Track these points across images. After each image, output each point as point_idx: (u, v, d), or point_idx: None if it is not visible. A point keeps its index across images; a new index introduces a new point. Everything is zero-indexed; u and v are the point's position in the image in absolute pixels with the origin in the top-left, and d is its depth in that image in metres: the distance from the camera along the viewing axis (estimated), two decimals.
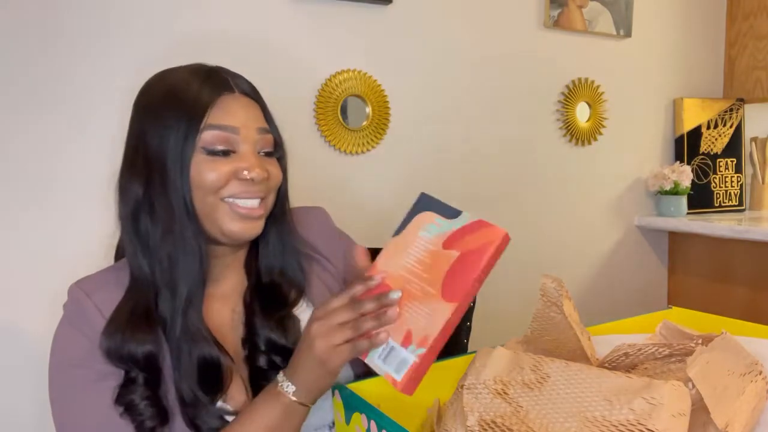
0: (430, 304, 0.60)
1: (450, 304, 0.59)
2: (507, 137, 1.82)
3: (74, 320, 0.74)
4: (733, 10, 2.24)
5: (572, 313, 0.69)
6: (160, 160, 0.71)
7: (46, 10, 1.20)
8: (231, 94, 0.74)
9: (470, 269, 0.59)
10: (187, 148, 0.71)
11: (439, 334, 0.59)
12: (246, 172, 0.72)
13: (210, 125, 0.72)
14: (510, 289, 1.77)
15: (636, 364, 0.63)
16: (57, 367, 0.73)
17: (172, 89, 0.73)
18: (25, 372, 1.21)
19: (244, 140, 0.73)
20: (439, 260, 0.62)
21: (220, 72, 0.77)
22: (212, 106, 0.72)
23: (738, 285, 1.98)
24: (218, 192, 0.73)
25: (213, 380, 0.72)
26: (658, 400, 0.50)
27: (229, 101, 0.74)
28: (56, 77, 1.22)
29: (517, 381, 0.58)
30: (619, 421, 0.50)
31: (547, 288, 0.69)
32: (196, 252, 0.72)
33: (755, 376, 0.61)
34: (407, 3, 1.61)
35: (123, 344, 0.70)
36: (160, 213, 0.72)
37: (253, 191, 0.74)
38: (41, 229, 1.23)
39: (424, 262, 0.63)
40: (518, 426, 0.54)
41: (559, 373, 0.56)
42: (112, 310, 0.72)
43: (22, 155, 1.20)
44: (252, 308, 0.79)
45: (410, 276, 0.63)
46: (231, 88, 0.75)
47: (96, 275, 0.78)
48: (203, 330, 0.73)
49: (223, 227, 0.73)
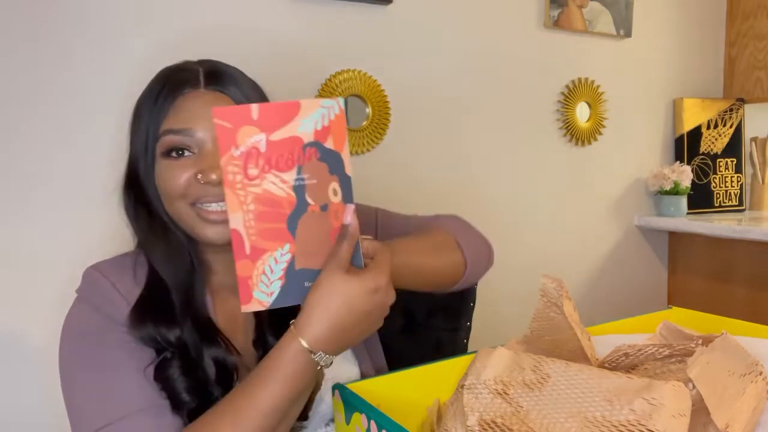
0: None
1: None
2: (507, 137, 1.81)
3: (90, 298, 0.74)
4: (733, 10, 2.24)
5: (572, 313, 0.69)
6: (134, 168, 0.75)
7: (38, 5, 1.20)
8: (194, 91, 0.73)
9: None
10: (149, 156, 0.73)
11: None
12: (200, 175, 0.70)
13: (165, 130, 0.72)
14: (510, 290, 1.77)
15: (636, 365, 0.62)
16: (70, 339, 0.72)
17: (141, 97, 0.76)
18: (26, 374, 1.21)
19: (205, 140, 0.71)
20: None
21: (186, 69, 0.75)
22: (170, 109, 0.72)
23: (738, 285, 1.98)
24: (184, 197, 0.72)
25: (220, 378, 0.72)
26: (658, 400, 0.50)
27: (188, 101, 0.72)
28: (52, 75, 1.22)
29: (517, 381, 0.58)
30: (620, 421, 0.50)
31: (547, 288, 0.69)
32: (184, 254, 0.75)
33: (756, 376, 0.61)
34: (407, 3, 1.61)
35: (155, 331, 0.70)
36: (144, 217, 0.76)
37: (216, 194, 0.70)
38: (37, 228, 1.23)
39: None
40: (518, 426, 0.54)
41: (559, 374, 0.56)
42: (128, 290, 0.73)
43: (18, 154, 1.20)
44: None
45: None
46: (196, 85, 0.73)
47: (110, 260, 0.78)
48: (210, 329, 0.74)
49: (198, 233, 0.73)
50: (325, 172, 0.60)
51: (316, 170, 0.60)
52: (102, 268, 0.76)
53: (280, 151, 0.58)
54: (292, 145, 0.59)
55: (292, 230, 0.60)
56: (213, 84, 0.74)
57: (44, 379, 1.19)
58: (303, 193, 0.60)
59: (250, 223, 0.58)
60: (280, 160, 0.59)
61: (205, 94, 0.73)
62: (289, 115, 0.59)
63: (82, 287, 0.76)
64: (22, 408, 1.21)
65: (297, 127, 0.59)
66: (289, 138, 0.59)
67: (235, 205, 0.58)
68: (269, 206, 0.59)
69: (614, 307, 2.06)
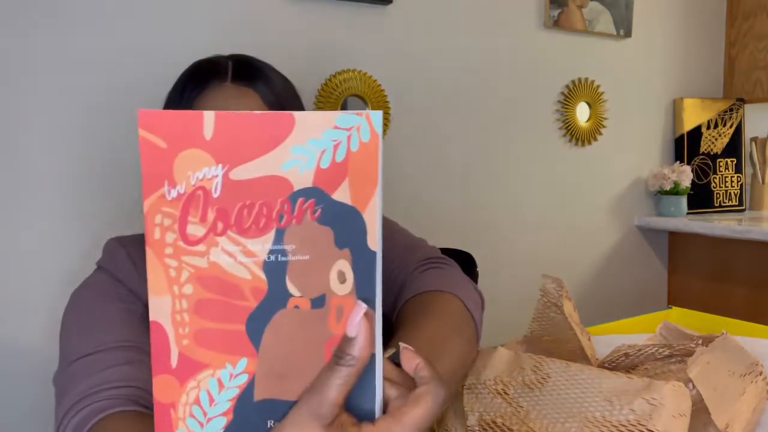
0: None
1: None
2: (507, 137, 1.82)
3: (104, 263, 0.73)
4: (733, 10, 2.24)
5: (572, 313, 0.69)
6: None
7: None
8: (219, 86, 0.72)
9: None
10: None
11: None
12: None
13: None
14: (510, 290, 1.77)
15: (636, 365, 0.63)
16: (74, 293, 0.70)
17: (171, 90, 0.75)
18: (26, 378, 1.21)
19: None
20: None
21: (215, 62, 0.74)
22: (194, 102, 0.71)
23: (738, 285, 1.98)
24: None
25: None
26: (658, 400, 0.50)
27: (212, 94, 0.71)
28: (45, 69, 1.22)
29: (517, 381, 0.58)
30: (620, 421, 0.50)
31: (547, 288, 0.69)
32: None
33: (755, 376, 0.61)
34: (407, 3, 1.61)
35: None
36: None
37: None
38: (33, 230, 1.23)
39: None
40: (518, 426, 0.54)
41: (559, 374, 0.56)
42: (143, 263, 0.71)
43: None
44: None
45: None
46: (223, 78, 0.72)
47: (135, 234, 0.77)
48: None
49: None
50: (327, 243, 0.36)
51: (312, 239, 0.36)
52: (122, 239, 0.76)
53: (248, 200, 0.35)
54: (271, 190, 0.35)
55: (256, 337, 0.36)
56: (240, 78, 0.72)
57: (39, 380, 1.19)
58: (282, 275, 0.36)
59: (183, 316, 0.35)
60: (247, 215, 0.35)
61: (230, 89, 0.71)
62: (273, 137, 0.34)
63: (101, 258, 0.75)
64: (19, 408, 1.21)
65: (282, 160, 0.35)
66: (265, 178, 0.35)
67: (160, 281, 0.35)
68: (219, 293, 0.35)
69: (614, 307, 2.06)
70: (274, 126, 0.34)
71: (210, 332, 0.36)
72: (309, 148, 0.35)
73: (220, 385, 0.36)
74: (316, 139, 0.35)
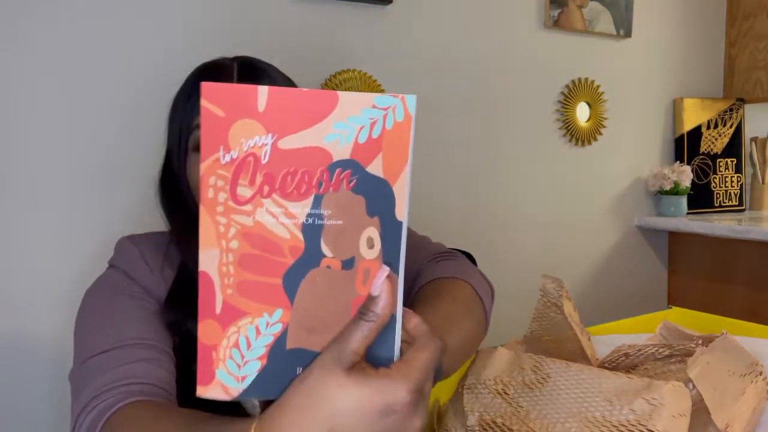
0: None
1: None
2: (507, 137, 1.82)
3: (116, 262, 0.74)
4: (733, 10, 2.24)
5: (572, 313, 0.69)
6: (169, 162, 0.77)
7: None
8: None
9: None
10: (181, 150, 0.74)
11: None
12: None
13: (197, 125, 0.73)
14: (510, 289, 1.77)
15: (636, 365, 0.63)
16: (87, 293, 0.71)
17: (178, 92, 0.77)
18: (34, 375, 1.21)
19: None
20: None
21: (220, 64, 0.76)
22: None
23: (738, 285, 1.98)
24: None
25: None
26: (658, 400, 0.50)
27: None
28: (49, 70, 1.22)
29: (517, 381, 0.58)
30: (620, 421, 0.50)
31: (547, 288, 0.69)
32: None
33: (756, 376, 0.61)
34: (407, 3, 1.61)
35: (183, 320, 0.69)
36: (178, 210, 0.76)
37: None
38: (40, 230, 1.23)
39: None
40: (518, 426, 0.54)
41: (559, 374, 0.56)
42: (155, 262, 0.73)
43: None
44: None
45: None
46: (229, 80, 0.74)
47: (146, 233, 0.79)
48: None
49: None
50: (359, 211, 0.40)
51: (346, 206, 0.40)
52: (134, 237, 0.77)
53: (292, 167, 0.39)
54: (313, 160, 0.39)
55: (291, 291, 0.40)
56: (245, 79, 0.75)
57: (48, 380, 1.19)
58: (317, 237, 0.40)
59: (228, 268, 0.40)
60: (290, 181, 0.39)
61: None
62: (318, 112, 0.38)
63: (114, 255, 0.76)
64: (25, 409, 1.21)
65: (325, 133, 0.39)
66: (309, 149, 0.39)
67: (210, 236, 0.39)
68: (261, 249, 0.40)
69: (614, 307, 2.06)
70: (319, 102, 0.38)
71: (251, 284, 0.40)
72: (349, 124, 0.39)
73: (257, 332, 0.41)
74: (356, 116, 0.39)
